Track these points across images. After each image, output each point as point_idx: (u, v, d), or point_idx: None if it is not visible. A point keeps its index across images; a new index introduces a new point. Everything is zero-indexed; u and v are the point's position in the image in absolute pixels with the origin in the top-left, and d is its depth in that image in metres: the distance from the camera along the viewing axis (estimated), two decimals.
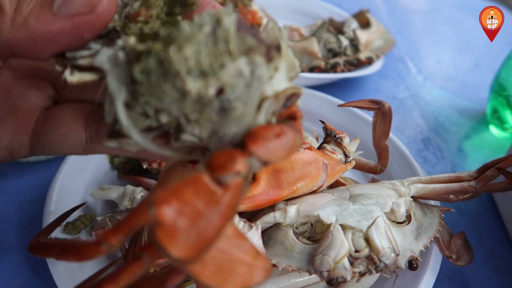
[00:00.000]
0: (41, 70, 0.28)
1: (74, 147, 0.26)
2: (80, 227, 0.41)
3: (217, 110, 0.20)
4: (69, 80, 0.22)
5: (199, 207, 0.19)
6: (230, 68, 0.20)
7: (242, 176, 0.20)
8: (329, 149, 0.41)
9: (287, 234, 0.35)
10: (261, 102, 0.21)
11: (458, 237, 0.42)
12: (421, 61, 0.79)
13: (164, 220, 0.18)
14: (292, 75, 0.23)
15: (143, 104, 0.21)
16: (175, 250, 0.18)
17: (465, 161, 0.59)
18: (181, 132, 0.21)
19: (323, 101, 0.57)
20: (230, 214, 0.20)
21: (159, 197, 0.18)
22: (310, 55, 0.64)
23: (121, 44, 0.21)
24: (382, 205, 0.37)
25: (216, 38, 0.20)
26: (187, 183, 0.19)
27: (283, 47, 0.22)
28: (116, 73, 0.21)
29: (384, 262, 0.34)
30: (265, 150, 0.20)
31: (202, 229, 0.19)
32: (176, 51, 0.19)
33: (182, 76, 0.19)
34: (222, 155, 0.20)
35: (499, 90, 0.59)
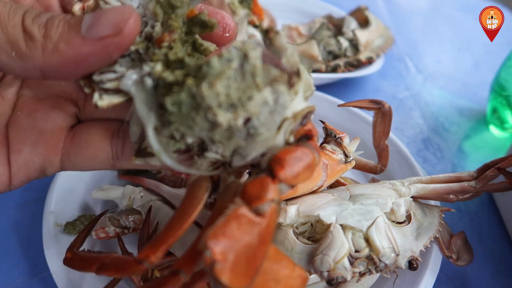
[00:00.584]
0: (60, 87, 0.29)
1: (102, 164, 0.28)
2: (80, 227, 0.41)
3: (244, 136, 0.22)
4: (99, 105, 0.24)
5: (245, 239, 0.21)
6: (256, 99, 0.21)
7: (276, 202, 0.22)
8: (329, 149, 0.41)
9: (287, 234, 0.35)
10: (282, 123, 0.23)
11: (458, 237, 0.42)
12: (421, 61, 0.79)
13: (218, 258, 0.20)
14: (308, 94, 0.24)
15: (173, 130, 0.22)
16: (234, 284, 0.20)
17: (465, 161, 0.59)
18: (205, 150, 0.23)
19: (323, 101, 0.56)
20: (270, 237, 0.22)
21: (210, 240, 0.20)
22: (310, 59, 0.64)
23: (147, 70, 0.23)
24: (382, 205, 0.37)
25: (244, 73, 0.21)
26: (231, 220, 0.21)
27: (302, 70, 0.24)
28: (143, 97, 0.23)
29: (384, 262, 0.34)
30: (292, 174, 0.22)
31: (250, 257, 0.21)
32: (208, 87, 0.21)
33: (214, 110, 0.21)
34: (255, 186, 0.22)
35: (499, 90, 0.59)
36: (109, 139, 0.27)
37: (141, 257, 0.23)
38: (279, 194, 0.22)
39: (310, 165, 0.23)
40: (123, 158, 0.27)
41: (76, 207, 0.44)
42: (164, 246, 0.23)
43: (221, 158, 0.23)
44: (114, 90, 0.24)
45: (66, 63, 0.22)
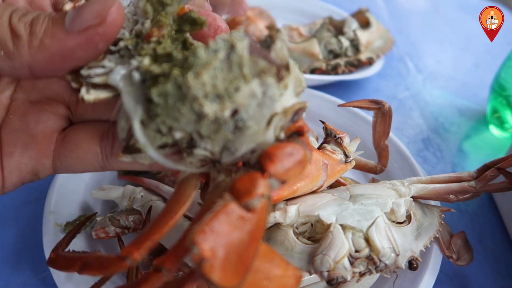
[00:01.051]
0: (53, 91, 0.29)
1: (92, 166, 0.27)
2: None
3: (232, 129, 0.21)
4: (86, 99, 0.23)
5: (234, 236, 0.20)
6: (244, 91, 0.21)
7: (266, 197, 0.21)
8: (329, 149, 0.41)
9: (287, 234, 0.35)
10: (271, 118, 0.22)
11: (458, 236, 0.42)
12: (421, 61, 0.79)
13: (207, 255, 0.19)
14: (299, 90, 0.24)
15: (159, 123, 0.22)
16: (224, 282, 0.19)
17: (465, 161, 0.59)
18: (194, 147, 0.23)
19: (323, 101, 0.56)
20: (261, 234, 0.21)
21: (198, 236, 0.19)
22: (311, 57, 0.64)
23: (135, 65, 0.22)
24: (382, 205, 0.37)
25: (231, 63, 0.21)
26: (220, 215, 0.20)
27: (291, 65, 0.23)
28: (131, 92, 0.22)
29: (384, 262, 0.34)
30: (282, 169, 0.21)
31: (241, 255, 0.20)
32: (194, 77, 0.20)
33: (200, 100, 0.21)
34: (244, 181, 0.21)
35: (499, 90, 0.59)
36: (98, 140, 0.27)
37: (124, 253, 0.22)
38: (269, 189, 0.21)
39: (301, 161, 0.22)
40: (112, 159, 0.27)
41: (76, 207, 0.44)
42: (148, 243, 0.22)
43: (210, 155, 0.23)
44: (102, 86, 0.24)
45: (53, 58, 0.22)
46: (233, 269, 0.20)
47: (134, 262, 0.22)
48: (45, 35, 0.22)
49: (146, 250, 0.22)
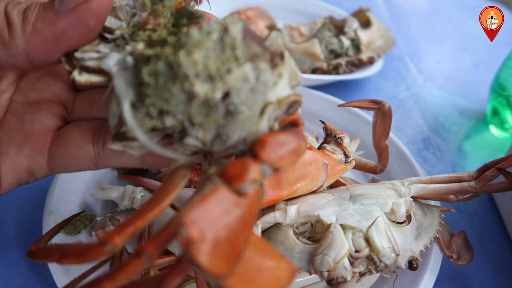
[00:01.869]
0: (50, 92, 0.29)
1: (86, 163, 0.28)
2: (80, 227, 0.41)
3: (223, 113, 0.21)
4: (77, 80, 0.23)
5: (225, 220, 0.19)
6: (236, 73, 0.21)
7: (258, 183, 0.20)
8: (329, 149, 0.41)
9: (287, 234, 0.35)
10: (264, 107, 0.22)
11: (458, 236, 0.42)
12: (421, 61, 0.79)
13: (196, 237, 0.18)
14: (294, 83, 0.24)
15: (149, 105, 0.21)
16: (213, 267, 0.18)
17: (465, 161, 0.59)
18: (185, 135, 0.22)
19: (323, 101, 0.56)
20: (253, 221, 0.21)
21: (187, 218, 0.18)
22: (312, 57, 0.64)
23: (129, 50, 0.23)
24: (382, 205, 0.37)
25: (223, 45, 0.21)
26: (209, 199, 0.19)
27: (286, 55, 0.23)
28: (124, 76, 0.22)
29: (384, 262, 0.34)
30: (275, 156, 0.21)
31: (231, 241, 0.19)
32: (186, 55, 0.20)
33: (191, 79, 0.20)
34: (236, 165, 0.20)
35: (499, 90, 0.59)
36: (90, 137, 0.27)
37: (104, 238, 0.21)
38: (262, 175, 0.21)
39: (295, 151, 0.22)
40: (104, 155, 0.27)
41: (76, 207, 0.44)
42: (130, 229, 0.21)
43: (201, 145, 0.22)
44: (96, 71, 0.24)
45: (46, 41, 0.23)
46: (223, 255, 0.19)
47: (115, 247, 0.21)
48: (36, 19, 0.23)
49: (128, 236, 0.21)
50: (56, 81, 0.30)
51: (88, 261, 0.21)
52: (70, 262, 0.23)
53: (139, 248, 0.21)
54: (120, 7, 0.25)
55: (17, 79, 0.29)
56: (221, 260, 0.19)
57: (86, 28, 0.23)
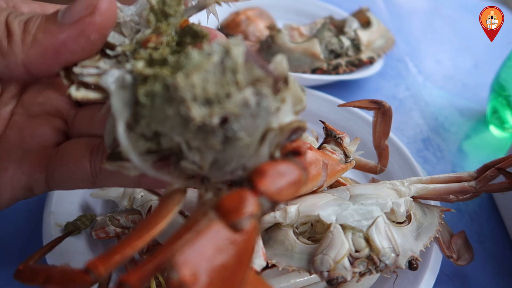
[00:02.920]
0: (52, 106, 0.29)
1: (83, 182, 0.27)
2: (81, 227, 0.41)
3: (221, 139, 0.20)
4: (73, 95, 0.22)
5: (219, 259, 0.18)
6: (236, 98, 0.20)
7: (256, 218, 0.19)
8: (329, 149, 0.41)
9: (287, 234, 0.35)
10: (265, 133, 0.21)
11: (458, 236, 0.42)
12: (421, 61, 0.79)
13: (189, 281, 0.17)
14: (298, 109, 0.23)
15: (144, 126, 0.21)
16: None
17: (465, 161, 0.59)
18: (182, 159, 0.21)
19: (323, 101, 0.56)
20: (250, 258, 0.20)
21: (179, 258, 0.17)
22: (312, 57, 0.64)
23: (129, 68, 0.22)
24: (382, 205, 0.37)
25: (224, 68, 0.20)
26: (203, 236, 0.18)
27: (291, 79, 0.22)
28: (121, 95, 0.21)
29: (384, 262, 0.34)
30: (274, 187, 0.20)
31: (226, 281, 0.18)
32: (184, 77, 0.19)
33: (188, 103, 0.19)
34: (232, 198, 0.19)
35: (499, 90, 0.59)
36: (88, 155, 0.26)
37: (89, 266, 0.20)
38: (260, 208, 0.19)
39: (295, 182, 0.20)
40: (102, 176, 0.26)
41: (76, 207, 0.44)
42: (117, 258, 0.20)
43: (198, 169, 0.21)
44: (94, 87, 0.23)
45: (46, 53, 0.22)
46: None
47: (99, 277, 0.20)
48: (37, 30, 0.22)
49: (113, 265, 0.20)
50: (58, 95, 0.29)
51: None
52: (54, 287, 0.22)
53: (123, 278, 0.19)
54: (124, 23, 0.24)
55: (20, 92, 0.29)
56: None
57: (88, 42, 0.22)
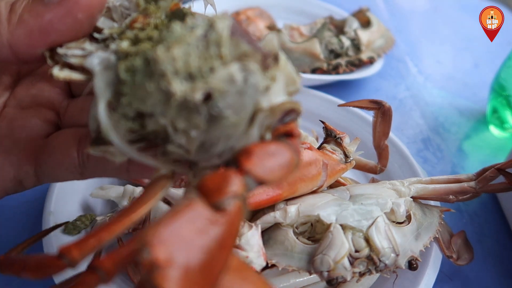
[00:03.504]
0: (44, 98, 0.29)
1: (71, 172, 0.26)
2: (81, 227, 0.41)
3: (206, 118, 0.19)
4: (55, 75, 0.22)
5: (198, 241, 0.17)
6: (220, 73, 0.18)
7: (241, 199, 0.18)
8: (329, 149, 0.41)
9: (287, 234, 0.35)
10: (255, 114, 0.20)
11: (458, 236, 0.42)
12: (421, 61, 0.79)
13: (162, 263, 0.15)
14: (292, 90, 0.22)
15: (125, 105, 0.20)
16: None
17: (465, 161, 0.59)
18: (168, 142, 0.20)
19: (323, 101, 0.56)
20: (233, 241, 0.18)
21: (152, 237, 0.16)
22: (312, 57, 0.64)
23: (114, 48, 0.21)
24: (382, 205, 0.37)
25: (208, 41, 0.19)
26: (181, 215, 0.17)
27: (282, 58, 0.21)
28: (105, 75, 0.20)
29: (384, 262, 0.34)
30: (261, 168, 0.18)
31: (205, 265, 0.16)
32: (164, 50, 0.18)
33: (168, 77, 0.18)
34: (216, 177, 0.18)
35: (499, 90, 0.59)
36: (76, 145, 0.26)
37: (62, 251, 0.19)
38: (245, 189, 0.18)
39: (286, 164, 0.19)
40: (89, 165, 0.26)
41: (76, 207, 0.44)
42: (92, 242, 0.19)
43: (185, 153, 0.20)
44: (78, 68, 0.22)
45: (32, 32, 0.22)
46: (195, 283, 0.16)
47: (72, 262, 0.19)
48: (23, 11, 0.22)
49: (89, 250, 0.19)
50: (51, 87, 0.29)
51: (45, 275, 0.20)
52: (31, 275, 0.21)
53: (95, 263, 0.18)
54: (114, 8, 0.24)
55: (13, 84, 0.29)
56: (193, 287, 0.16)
57: (75, 21, 0.22)
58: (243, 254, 0.32)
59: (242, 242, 0.33)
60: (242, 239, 0.33)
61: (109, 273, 0.18)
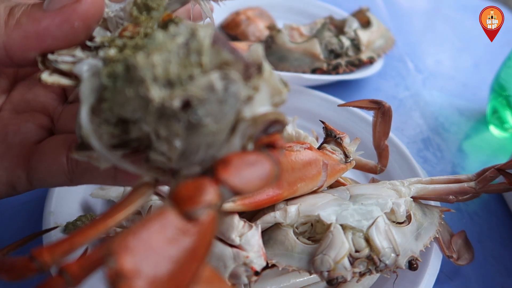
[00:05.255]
0: (39, 103, 0.29)
1: (61, 178, 0.26)
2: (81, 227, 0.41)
3: (185, 125, 0.19)
4: (43, 79, 0.22)
5: (167, 251, 0.16)
6: (200, 81, 0.19)
7: (214, 208, 0.17)
8: (329, 149, 0.41)
9: (287, 234, 0.35)
10: (237, 123, 0.20)
11: (458, 236, 0.42)
12: (421, 61, 0.79)
13: (127, 273, 0.15)
14: (277, 101, 0.22)
15: (107, 110, 0.20)
16: None
17: (465, 161, 0.59)
18: (150, 150, 0.20)
19: (323, 101, 0.57)
20: (205, 253, 0.17)
21: (119, 245, 0.15)
22: (312, 57, 0.64)
23: (102, 55, 0.21)
24: (382, 205, 0.37)
25: (189, 49, 0.19)
26: (151, 224, 0.16)
27: (266, 69, 0.21)
28: (91, 81, 0.21)
29: (384, 262, 0.34)
30: (237, 178, 0.18)
31: (174, 276, 0.16)
32: (144, 57, 0.19)
33: (147, 84, 0.18)
34: (189, 185, 0.17)
35: (499, 90, 0.59)
36: (65, 151, 0.26)
37: (33, 253, 0.18)
38: (220, 198, 0.17)
39: (264, 176, 0.18)
40: (78, 171, 0.26)
41: (76, 207, 0.44)
42: (66, 246, 0.18)
43: (166, 161, 0.20)
44: (67, 74, 0.23)
45: (28, 36, 0.22)
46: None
47: (44, 265, 0.18)
48: (22, 15, 0.23)
49: (61, 254, 0.18)
50: (47, 92, 0.29)
51: (18, 278, 0.19)
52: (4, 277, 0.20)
53: (63, 266, 0.18)
54: (110, 19, 0.24)
55: (10, 88, 0.29)
56: None
57: (71, 29, 0.22)
58: (243, 254, 0.33)
59: (242, 242, 0.33)
60: (242, 239, 0.33)
61: (76, 278, 0.17)
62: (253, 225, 0.35)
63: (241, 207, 0.34)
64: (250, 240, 0.33)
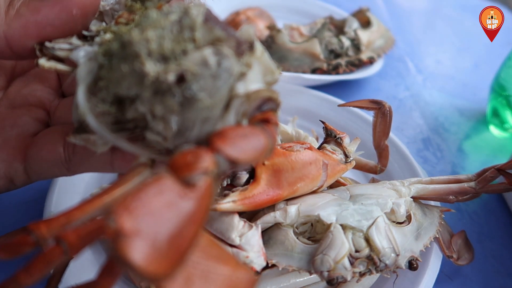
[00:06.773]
0: (35, 97, 0.29)
1: (58, 168, 0.27)
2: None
3: (180, 100, 0.19)
4: (40, 64, 0.23)
5: (167, 214, 0.16)
6: (193, 56, 0.19)
7: (211, 175, 0.18)
8: (329, 149, 0.41)
9: (287, 234, 0.35)
10: (231, 99, 0.20)
11: (458, 236, 0.42)
12: (421, 61, 0.79)
13: (128, 232, 0.15)
14: (270, 80, 0.22)
15: (103, 88, 0.21)
16: (148, 266, 0.15)
17: (465, 161, 0.59)
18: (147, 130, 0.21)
19: (323, 101, 0.56)
20: (202, 218, 0.17)
21: (118, 205, 0.15)
22: (312, 57, 0.64)
23: (98, 41, 0.22)
24: (382, 205, 0.37)
25: (182, 26, 0.20)
26: (150, 187, 0.16)
27: (258, 48, 0.21)
28: (88, 65, 0.21)
29: (384, 262, 0.34)
30: (233, 147, 0.18)
31: (173, 239, 0.16)
32: (139, 33, 0.19)
33: (142, 58, 0.19)
34: (187, 154, 0.18)
35: (499, 90, 0.59)
36: (62, 140, 0.26)
37: (31, 226, 0.18)
38: (216, 166, 0.18)
39: (259, 148, 0.19)
40: (75, 160, 0.26)
41: None
42: (62, 220, 0.18)
43: (162, 141, 0.21)
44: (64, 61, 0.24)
45: (28, 25, 0.23)
46: (161, 254, 0.15)
47: (40, 238, 0.18)
48: (21, 5, 0.23)
49: (58, 226, 0.18)
50: (43, 86, 0.30)
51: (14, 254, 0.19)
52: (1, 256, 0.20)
53: (60, 235, 0.18)
54: (106, 12, 0.25)
55: (7, 84, 0.30)
56: (159, 260, 0.15)
57: (69, 17, 0.23)
58: (244, 254, 0.33)
59: (243, 242, 0.33)
60: (242, 239, 0.33)
61: (73, 247, 0.17)
62: (253, 225, 0.35)
63: (241, 207, 0.34)
64: (250, 240, 0.33)
